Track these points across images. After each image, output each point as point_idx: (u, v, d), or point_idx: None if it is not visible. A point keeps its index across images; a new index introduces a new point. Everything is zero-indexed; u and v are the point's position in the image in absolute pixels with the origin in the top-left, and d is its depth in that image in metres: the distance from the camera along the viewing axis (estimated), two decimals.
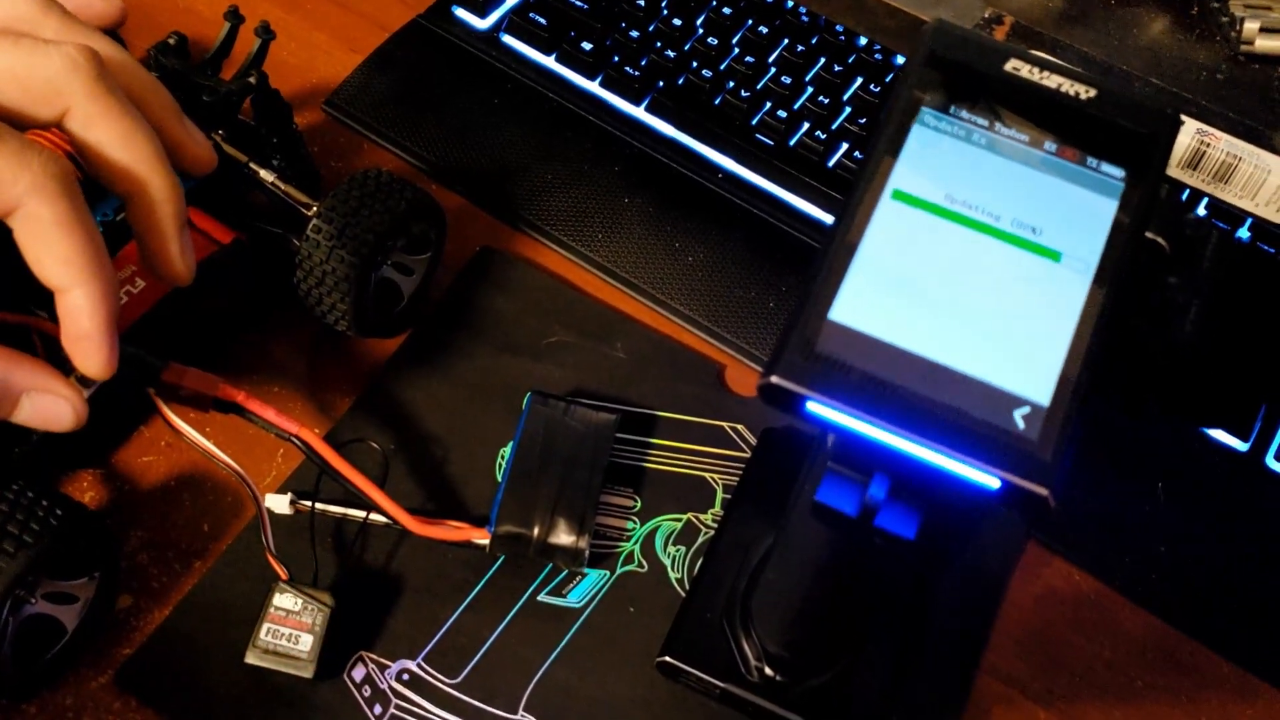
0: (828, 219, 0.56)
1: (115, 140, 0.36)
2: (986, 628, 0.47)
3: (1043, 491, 0.29)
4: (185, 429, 0.42)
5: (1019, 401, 0.30)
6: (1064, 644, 0.47)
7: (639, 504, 0.48)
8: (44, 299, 0.37)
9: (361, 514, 0.46)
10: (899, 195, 0.32)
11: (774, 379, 0.30)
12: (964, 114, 0.33)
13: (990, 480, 0.29)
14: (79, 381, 0.37)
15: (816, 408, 0.30)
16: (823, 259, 0.32)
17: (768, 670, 0.43)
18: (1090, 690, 0.46)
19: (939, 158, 0.33)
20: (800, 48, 0.60)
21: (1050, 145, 0.33)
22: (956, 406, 0.29)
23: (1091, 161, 0.33)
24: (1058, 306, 0.31)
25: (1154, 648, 0.47)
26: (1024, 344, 0.30)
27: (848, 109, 0.58)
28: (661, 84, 0.59)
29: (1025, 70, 0.33)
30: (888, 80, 0.59)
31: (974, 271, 0.31)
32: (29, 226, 0.34)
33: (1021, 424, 0.29)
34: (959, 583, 0.48)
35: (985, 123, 0.33)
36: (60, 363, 0.37)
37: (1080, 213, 0.32)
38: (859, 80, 0.59)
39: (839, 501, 0.33)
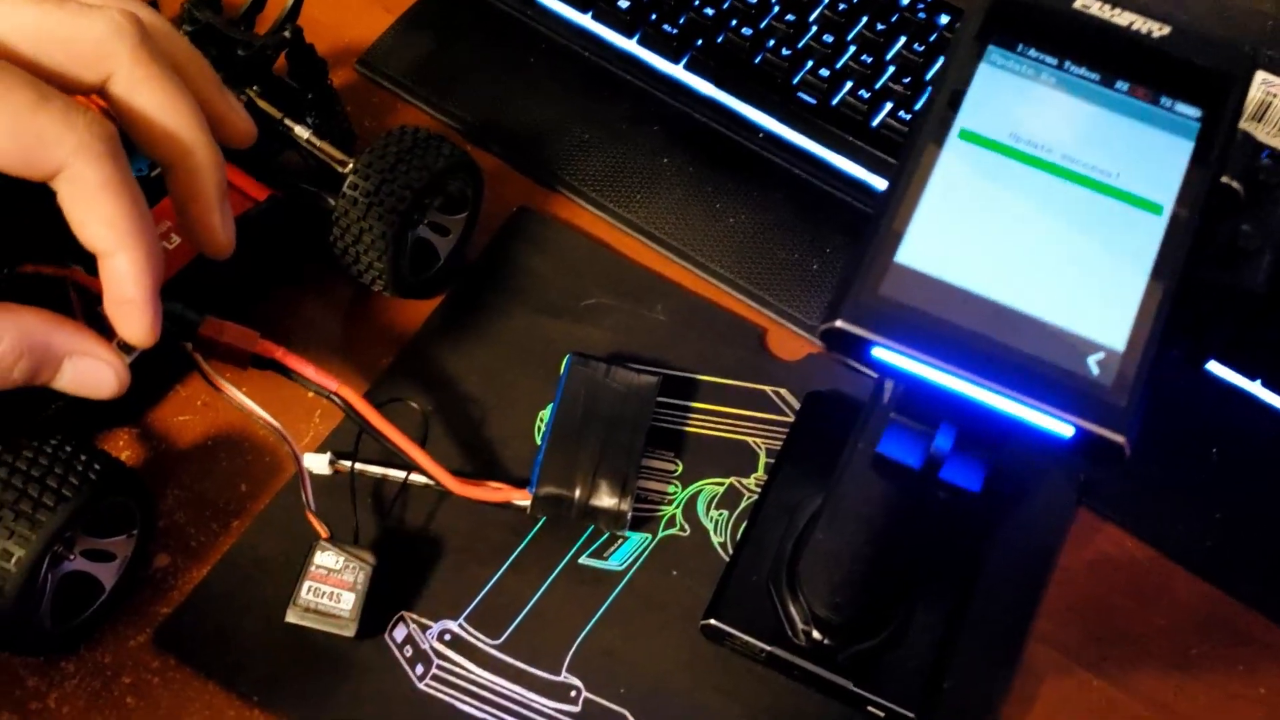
0: (872, 179, 0.55)
1: (159, 107, 0.35)
2: (1037, 594, 0.46)
3: (1119, 439, 0.28)
4: (224, 385, 0.41)
5: (1093, 347, 0.29)
6: (1117, 611, 0.46)
7: (680, 468, 0.47)
8: (81, 254, 0.36)
9: (401, 474, 0.45)
10: (966, 135, 0.31)
11: (839, 323, 0.29)
12: (1032, 52, 0.32)
13: (1064, 428, 0.28)
14: (120, 347, 0.36)
15: (883, 353, 0.29)
16: (888, 200, 0.30)
17: (815, 634, 0.42)
18: (1144, 659, 0.45)
19: (1007, 97, 0.31)
20: (842, 6, 0.59)
21: (1122, 84, 0.32)
22: (1029, 352, 0.28)
23: (1165, 101, 0.31)
24: (1131, 250, 0.30)
25: (1210, 616, 0.46)
26: (1097, 288, 0.29)
27: (891, 68, 0.57)
28: (700, 42, 0.58)
29: (1096, 7, 0.32)
30: (932, 39, 0.58)
31: (1044, 213, 0.30)
32: (74, 189, 0.33)
33: (1096, 370, 0.28)
34: (1008, 548, 0.47)
35: (1054, 61, 0.32)
36: (97, 325, 0.36)
37: (1154, 154, 0.31)
38: (902, 39, 0.58)
39: (902, 453, 0.32)
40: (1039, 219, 0.30)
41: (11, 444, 0.40)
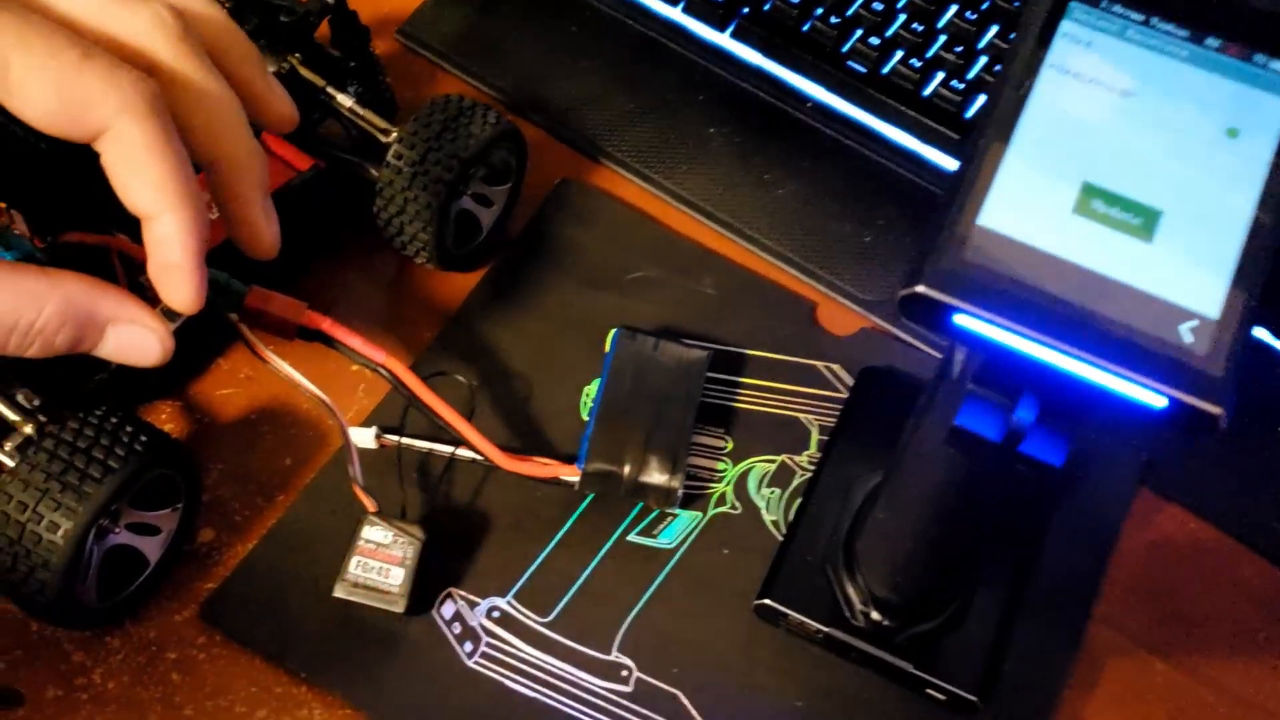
0: (923, 150, 0.54)
1: (196, 106, 0.34)
2: (1098, 575, 0.45)
3: (1216, 410, 0.27)
4: (272, 357, 0.40)
5: (1186, 314, 0.27)
6: (1180, 594, 0.45)
7: (730, 444, 0.46)
8: (125, 221, 0.35)
9: (448, 449, 0.44)
10: (1049, 93, 0.30)
11: (920, 288, 0.28)
12: (1117, 8, 0.31)
13: (1157, 400, 0.27)
14: (163, 314, 0.35)
15: (965, 320, 0.28)
16: (969, 160, 0.29)
17: (874, 614, 0.41)
18: (1209, 642, 0.44)
19: (1090, 55, 0.30)
20: None
21: (1213, 40, 0.30)
22: (1119, 320, 0.27)
23: (1259, 58, 0.30)
24: (1225, 214, 0.28)
25: (1277, 599, 0.45)
26: (1190, 253, 0.28)
27: (943, 37, 0.55)
28: (746, 9, 0.56)
29: None
30: (985, 7, 0.56)
31: (1133, 175, 0.29)
32: (118, 150, 0.33)
33: (1190, 338, 0.27)
34: (1068, 527, 0.45)
35: (1141, 17, 0.31)
36: (141, 296, 0.35)
37: (1248, 113, 0.29)
38: (954, 7, 0.56)
39: (981, 426, 0.30)
40: (1128, 178, 0.29)
41: (55, 415, 0.40)
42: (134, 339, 0.34)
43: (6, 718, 0.39)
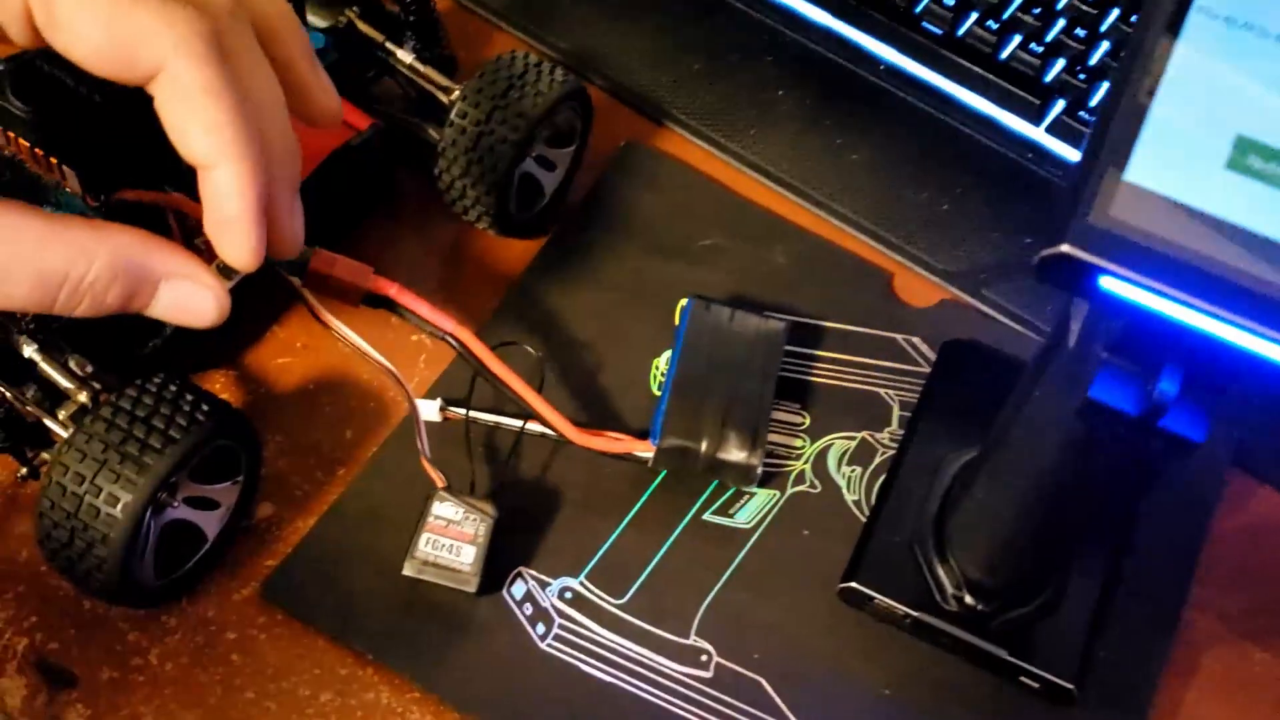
0: (1000, 115, 0.52)
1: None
2: (1192, 559, 0.43)
3: None
4: (336, 324, 0.38)
5: None
6: (1277, 580, 0.43)
7: (808, 420, 0.44)
8: (182, 179, 0.33)
9: (516, 422, 0.42)
10: (1203, 25, 0.27)
11: (1065, 248, 0.26)
12: None
13: None
14: (220, 272, 0.33)
15: (1112, 284, 0.26)
16: (1112, 109, 0.27)
17: (967, 599, 0.39)
18: None
19: None
20: None
21: None
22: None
23: None
24: None
25: None
26: None
27: None
28: None
29: None
30: None
31: None
32: (172, 91, 0.30)
33: None
34: (1161, 510, 0.43)
35: None
36: (200, 257, 0.33)
37: None
38: None
39: (1118, 399, 0.28)
40: None
41: (109, 382, 0.38)
42: (188, 296, 0.32)
43: (59, 699, 0.37)
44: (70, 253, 0.30)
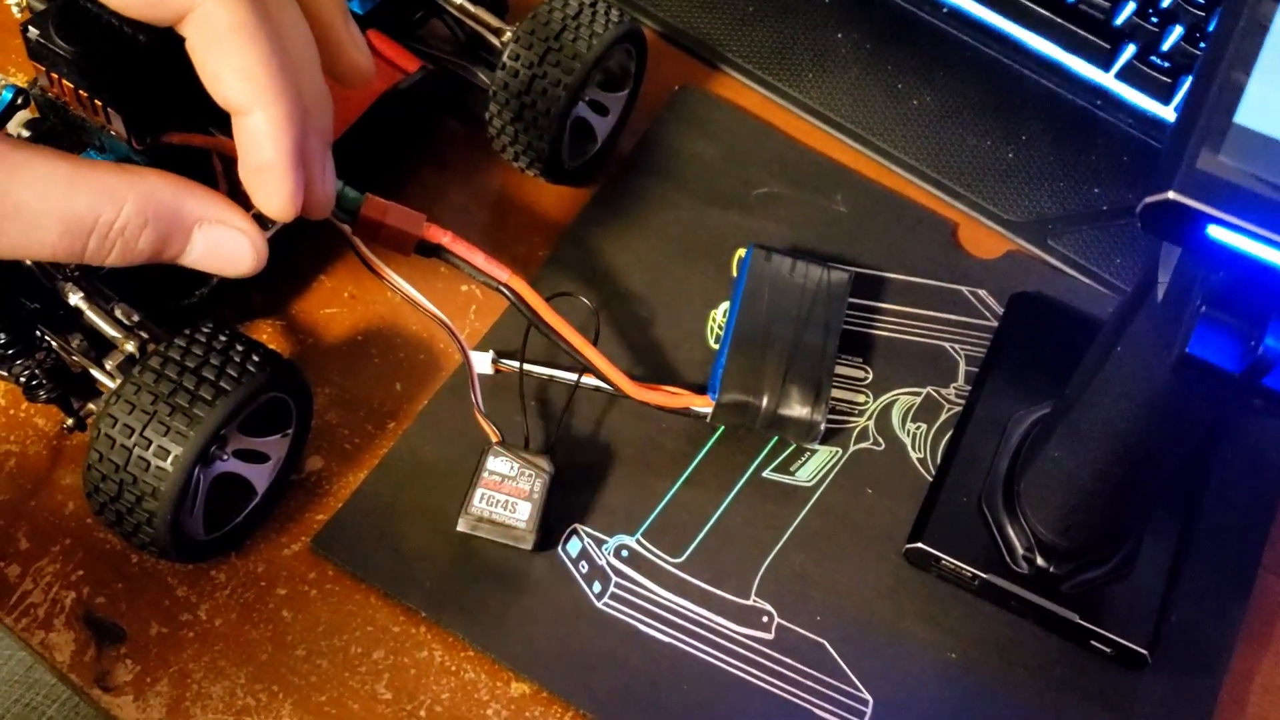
0: (1067, 60, 0.49)
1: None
2: (1266, 521, 0.41)
3: None
4: (390, 274, 0.37)
5: None
6: None
7: (870, 375, 0.43)
8: (227, 120, 0.32)
9: (570, 376, 0.41)
10: None
11: (1171, 194, 0.24)
12: None
13: None
14: (256, 220, 0.32)
15: (1220, 233, 0.24)
16: (1222, 46, 0.25)
17: (1039, 560, 0.37)
18: None
19: None
20: None
21: None
22: None
23: None
24: None
25: None
26: None
27: None
28: None
29: None
30: None
31: None
32: (205, 32, 0.29)
33: None
34: (1232, 471, 0.42)
35: None
36: (244, 203, 0.32)
37: None
38: None
39: (1218, 355, 0.27)
40: None
41: (155, 332, 0.37)
42: (224, 243, 0.31)
43: (107, 654, 0.37)
44: (98, 197, 0.29)
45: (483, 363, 0.41)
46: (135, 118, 0.36)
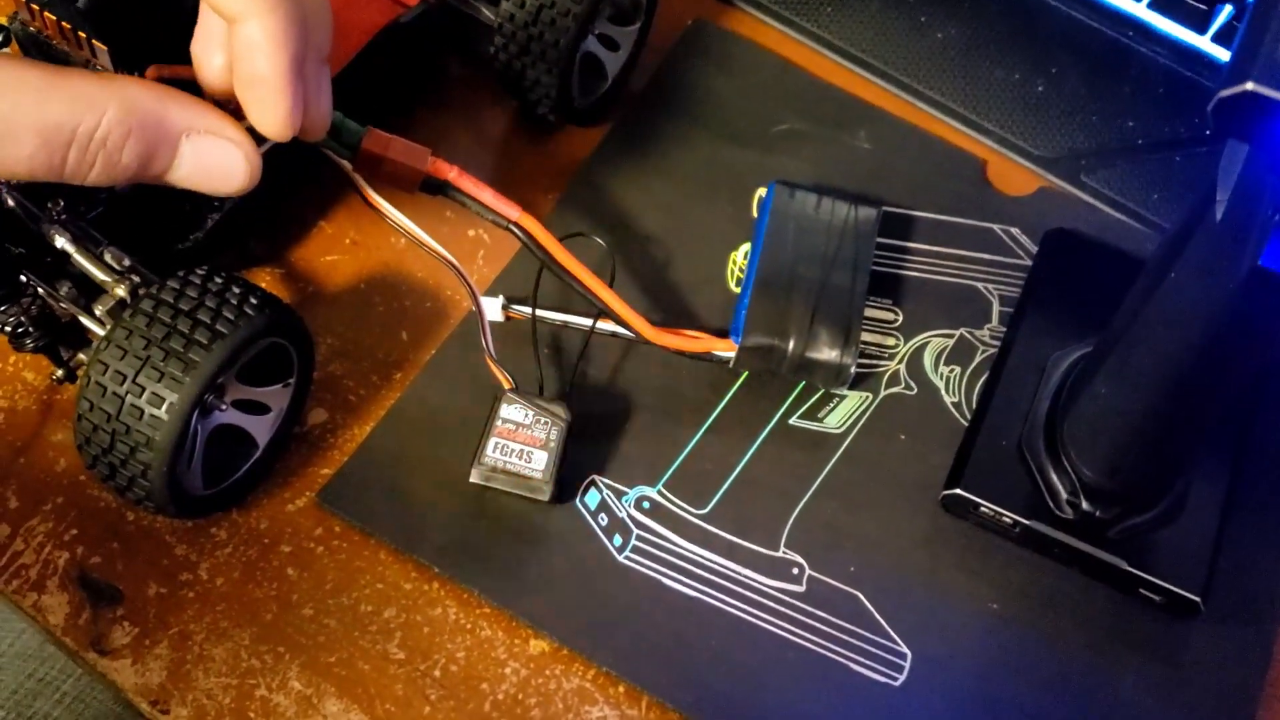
0: None
1: None
2: None
3: None
4: (391, 211, 0.35)
5: None
6: None
7: (900, 317, 0.41)
8: None
9: (585, 321, 0.39)
10: None
11: (1251, 85, 0.22)
12: None
13: None
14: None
15: None
16: None
17: (1084, 505, 0.35)
18: None
19: None
20: None
21: None
22: None
23: None
24: None
25: None
26: None
27: None
28: None
29: None
30: None
31: None
32: None
33: None
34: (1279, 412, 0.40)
35: None
36: None
37: None
38: None
39: None
40: None
41: (148, 277, 0.35)
42: (213, 155, 0.29)
43: (103, 616, 0.35)
44: (76, 105, 0.27)
45: (493, 308, 0.39)
46: (120, 50, 0.33)
